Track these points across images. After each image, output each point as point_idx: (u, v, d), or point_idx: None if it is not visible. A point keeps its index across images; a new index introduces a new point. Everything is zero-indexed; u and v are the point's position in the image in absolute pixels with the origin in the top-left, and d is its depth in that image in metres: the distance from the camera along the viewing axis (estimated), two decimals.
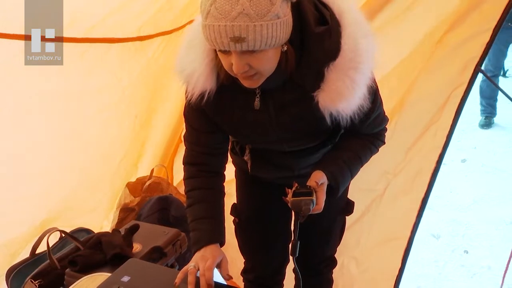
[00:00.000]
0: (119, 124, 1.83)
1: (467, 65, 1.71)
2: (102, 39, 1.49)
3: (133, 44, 1.61)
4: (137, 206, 2.07)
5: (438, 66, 1.76)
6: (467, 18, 1.68)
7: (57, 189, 1.75)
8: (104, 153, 1.87)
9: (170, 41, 1.75)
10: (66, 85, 1.51)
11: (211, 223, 1.23)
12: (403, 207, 1.93)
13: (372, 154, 1.31)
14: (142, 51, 1.68)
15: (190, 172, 1.29)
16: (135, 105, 1.84)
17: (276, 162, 1.36)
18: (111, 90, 1.68)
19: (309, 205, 1.06)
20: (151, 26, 1.62)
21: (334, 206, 1.48)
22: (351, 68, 1.00)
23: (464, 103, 1.75)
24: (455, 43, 1.71)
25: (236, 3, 0.86)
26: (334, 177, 1.18)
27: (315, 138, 1.26)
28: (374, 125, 1.25)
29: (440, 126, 1.78)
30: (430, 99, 1.79)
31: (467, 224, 3.16)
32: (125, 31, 1.56)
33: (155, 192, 2.17)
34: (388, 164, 1.89)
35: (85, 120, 1.68)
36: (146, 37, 1.64)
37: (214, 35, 0.89)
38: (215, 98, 1.12)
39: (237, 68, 0.95)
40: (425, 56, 1.78)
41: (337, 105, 1.04)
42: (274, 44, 0.92)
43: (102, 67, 1.58)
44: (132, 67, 1.69)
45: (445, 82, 1.75)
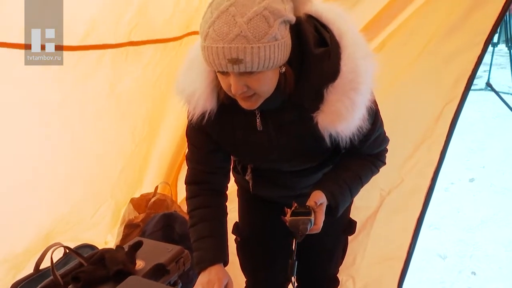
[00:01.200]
0: (116, 134, 1.85)
1: (459, 79, 1.73)
2: (95, 46, 1.51)
3: (125, 50, 1.63)
4: (141, 222, 2.09)
5: (429, 80, 1.78)
6: (457, 31, 1.70)
7: (60, 201, 1.78)
8: (104, 163, 1.89)
9: (166, 50, 1.78)
10: (63, 95, 1.55)
11: (215, 242, 1.25)
12: (398, 225, 1.94)
13: (373, 175, 1.31)
14: (137, 58, 1.70)
15: (193, 191, 1.31)
16: (132, 114, 1.86)
17: (277, 182, 1.37)
18: (107, 97, 1.70)
19: (306, 225, 1.07)
20: (141, 31, 1.65)
21: (336, 225, 1.49)
22: (351, 89, 1.02)
23: (457, 118, 1.77)
24: (446, 56, 1.74)
25: (233, 26, 0.88)
26: (333, 197, 1.19)
27: (316, 158, 1.28)
28: (374, 145, 1.25)
29: (434, 142, 1.80)
30: (422, 114, 1.81)
31: (475, 244, 3.12)
32: (116, 37, 1.59)
33: (160, 209, 2.18)
34: (382, 180, 1.91)
35: (84, 129, 1.70)
36: (139, 43, 1.66)
37: (212, 56, 0.92)
38: (216, 118, 1.14)
39: (235, 89, 0.97)
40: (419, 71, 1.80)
41: (336, 126, 1.05)
42: (271, 65, 0.94)
43: (96, 75, 1.60)
44: (126, 74, 1.71)
45: (437, 96, 1.78)
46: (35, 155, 1.57)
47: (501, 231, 3.24)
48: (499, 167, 4.26)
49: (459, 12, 1.69)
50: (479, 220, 3.40)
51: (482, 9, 1.66)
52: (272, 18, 0.90)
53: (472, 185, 3.98)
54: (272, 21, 0.90)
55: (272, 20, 0.90)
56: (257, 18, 0.88)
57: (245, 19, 0.88)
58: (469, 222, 3.38)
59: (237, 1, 0.89)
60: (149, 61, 1.75)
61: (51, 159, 1.65)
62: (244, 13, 0.88)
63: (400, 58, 1.82)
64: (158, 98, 1.92)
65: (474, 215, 3.47)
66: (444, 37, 1.72)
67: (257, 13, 0.88)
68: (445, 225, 3.33)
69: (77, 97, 1.59)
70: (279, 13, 0.91)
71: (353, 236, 1.98)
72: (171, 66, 1.82)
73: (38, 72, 1.41)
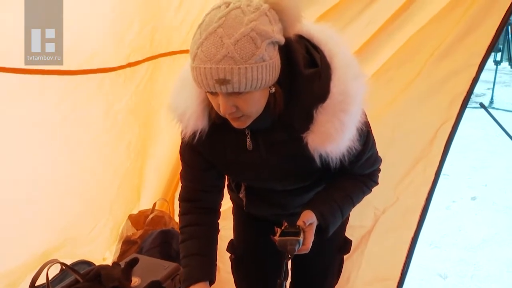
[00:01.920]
0: (113, 150, 1.87)
1: (454, 99, 1.75)
2: (96, 70, 1.55)
3: (123, 72, 1.68)
4: (139, 239, 2.10)
5: (425, 100, 1.80)
6: (452, 53, 1.72)
7: (58, 217, 1.80)
8: (102, 180, 1.91)
9: (157, 66, 1.82)
10: (64, 115, 1.58)
11: (202, 260, 1.26)
12: (393, 245, 1.94)
13: (364, 195, 1.32)
14: (132, 77, 1.75)
15: (185, 208, 1.32)
16: (128, 131, 1.89)
17: (270, 200, 1.38)
18: (105, 117, 1.74)
19: (294, 245, 1.07)
20: (139, 52, 1.70)
21: (331, 244, 1.49)
22: (340, 110, 1.02)
23: (452, 138, 1.80)
24: (442, 77, 1.76)
25: (221, 47, 0.90)
26: (323, 218, 1.19)
27: (307, 178, 1.28)
28: (366, 166, 1.26)
29: (429, 162, 1.82)
30: (418, 134, 1.83)
31: (476, 264, 3.10)
32: (116, 60, 1.63)
33: (158, 225, 2.19)
34: (377, 199, 1.91)
35: (82, 147, 1.73)
36: (135, 63, 1.71)
37: (200, 77, 0.93)
38: (207, 137, 1.16)
39: (224, 109, 0.98)
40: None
41: (326, 146, 1.06)
42: (259, 86, 0.95)
43: (96, 97, 1.64)
44: (122, 93, 1.75)
45: (433, 116, 1.79)
46: (34, 172, 1.61)
47: (503, 251, 3.23)
48: (501, 185, 4.25)
49: (454, 35, 1.71)
50: (481, 239, 3.39)
51: (476, 32, 1.69)
52: (260, 39, 0.91)
53: (474, 204, 3.97)
54: (260, 42, 0.91)
55: (259, 41, 0.91)
56: (244, 39, 0.90)
57: (232, 40, 0.89)
58: (470, 241, 3.37)
59: (225, 23, 0.91)
60: (142, 78, 1.78)
61: (50, 177, 1.68)
62: (231, 35, 0.90)
63: (396, 79, 1.85)
64: (150, 114, 1.95)
65: (475, 234, 3.46)
66: (440, 59, 1.75)
67: (244, 34, 0.90)
68: (446, 244, 3.32)
69: (77, 117, 1.62)
70: (267, 35, 0.92)
71: (347, 255, 1.98)
72: (164, 82, 1.86)
73: (39, 92, 1.44)
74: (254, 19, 0.91)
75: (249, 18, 0.91)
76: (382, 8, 1.81)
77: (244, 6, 0.93)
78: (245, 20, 0.91)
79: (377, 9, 1.80)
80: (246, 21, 0.91)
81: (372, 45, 1.84)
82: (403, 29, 1.80)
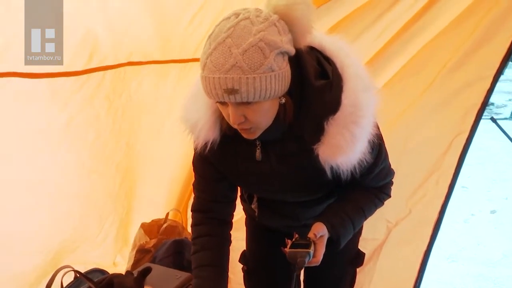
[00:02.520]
0: (112, 148, 1.89)
1: (468, 111, 1.73)
2: (97, 68, 1.57)
3: (123, 69, 1.69)
4: (153, 247, 2.12)
5: (438, 112, 1.78)
6: (465, 65, 1.71)
7: (65, 219, 1.82)
8: (104, 180, 1.93)
9: (162, 70, 1.84)
10: (66, 116, 1.61)
11: (214, 271, 1.26)
12: (405, 258, 1.92)
13: (376, 208, 1.31)
14: (133, 76, 1.76)
15: (197, 219, 1.33)
16: (126, 130, 1.90)
17: (282, 211, 1.38)
18: (106, 114, 1.76)
19: (304, 258, 1.07)
20: (141, 53, 1.71)
21: (343, 257, 1.48)
22: (351, 122, 1.02)
23: (467, 151, 1.77)
24: (455, 89, 1.75)
25: (229, 57, 0.90)
26: (334, 230, 1.18)
27: (318, 190, 1.28)
28: (378, 178, 1.25)
29: (442, 174, 1.80)
30: (431, 146, 1.81)
31: (496, 280, 3.04)
32: (117, 57, 1.65)
33: (171, 235, 2.21)
34: (389, 212, 1.89)
35: (85, 147, 1.75)
36: (137, 63, 1.72)
37: (209, 86, 0.94)
38: (219, 148, 1.16)
39: (233, 120, 0.99)
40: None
41: (336, 158, 1.05)
42: (268, 96, 0.95)
43: (98, 95, 1.66)
44: (123, 90, 1.76)
45: (446, 128, 1.78)
46: (41, 174, 1.62)
47: None
48: None
49: (467, 46, 1.71)
50: (501, 254, 3.32)
51: (491, 42, 1.68)
52: (268, 49, 0.92)
53: (493, 217, 3.89)
54: (268, 52, 0.92)
55: (267, 51, 0.92)
56: (252, 49, 0.91)
57: (240, 50, 0.90)
58: (489, 256, 3.30)
59: (234, 33, 0.92)
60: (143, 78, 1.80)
61: (57, 179, 1.70)
62: (239, 45, 0.90)
63: (408, 90, 1.85)
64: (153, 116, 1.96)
65: (495, 248, 3.39)
66: (453, 69, 1.74)
67: (252, 44, 0.91)
68: (464, 258, 3.26)
69: (81, 118, 1.64)
70: (275, 45, 0.93)
71: (359, 268, 1.97)
72: (172, 88, 1.89)
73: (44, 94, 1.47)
74: (263, 29, 0.92)
75: (257, 28, 0.92)
76: (394, 18, 1.82)
77: (253, 16, 0.94)
78: (254, 30, 0.92)
79: (389, 19, 1.80)
80: (255, 31, 0.92)
81: (384, 55, 1.84)
82: (415, 40, 1.81)
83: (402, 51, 1.85)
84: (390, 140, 1.23)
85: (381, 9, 1.80)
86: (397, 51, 1.85)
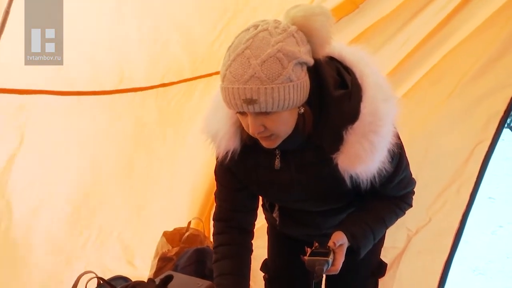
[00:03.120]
0: (140, 164, 1.93)
1: (490, 119, 1.71)
2: (128, 89, 1.63)
3: (156, 90, 1.76)
4: (175, 256, 2.15)
5: (459, 120, 1.77)
6: (487, 73, 1.69)
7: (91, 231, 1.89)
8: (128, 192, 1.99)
9: (191, 86, 1.89)
10: (92, 132, 1.68)
11: (235, 279, 1.27)
12: (425, 267, 1.89)
13: (397, 217, 1.30)
14: (164, 96, 1.82)
15: (219, 228, 1.35)
16: (156, 147, 1.94)
17: (303, 220, 1.39)
18: (133, 132, 1.83)
19: (323, 265, 1.07)
20: (175, 75, 1.77)
21: (365, 266, 1.47)
22: (370, 131, 1.03)
23: (488, 160, 1.73)
24: (476, 97, 1.73)
25: (248, 67, 0.93)
26: (354, 239, 1.18)
27: (338, 200, 1.28)
28: (399, 188, 1.25)
29: (463, 183, 1.78)
30: (452, 154, 1.79)
31: None
32: (149, 80, 1.71)
33: (193, 243, 2.24)
34: (409, 220, 1.87)
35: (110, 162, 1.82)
36: (169, 84, 1.78)
37: (229, 97, 0.96)
38: (240, 157, 1.18)
39: (253, 129, 1.01)
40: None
41: (356, 167, 1.06)
42: (287, 106, 0.96)
43: (127, 114, 1.74)
44: (153, 109, 1.83)
45: (468, 136, 1.76)
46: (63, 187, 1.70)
47: None
48: None
49: (489, 54, 1.69)
50: None
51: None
52: (286, 60, 0.93)
53: None
54: (286, 62, 0.93)
55: (286, 61, 0.93)
56: (270, 60, 0.92)
57: (259, 61, 0.92)
58: None
59: (252, 44, 0.94)
60: (174, 96, 1.86)
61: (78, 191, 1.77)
62: (258, 55, 0.93)
63: (430, 99, 1.84)
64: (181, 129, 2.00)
65: None
66: (474, 78, 1.73)
67: (271, 55, 0.93)
68: (492, 271, 3.17)
69: (109, 134, 1.72)
70: (293, 55, 0.94)
71: None
72: (198, 101, 1.94)
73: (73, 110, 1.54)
74: (281, 40, 0.94)
75: (275, 40, 0.94)
76: (416, 29, 1.82)
77: (271, 28, 0.96)
78: (272, 41, 0.94)
79: (411, 30, 1.81)
80: (273, 42, 0.94)
81: (406, 66, 1.84)
82: (437, 50, 1.81)
83: (424, 62, 1.85)
84: (411, 149, 1.23)
85: (403, 20, 1.81)
86: (419, 61, 1.86)
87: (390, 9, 1.82)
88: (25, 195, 1.56)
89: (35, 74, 1.38)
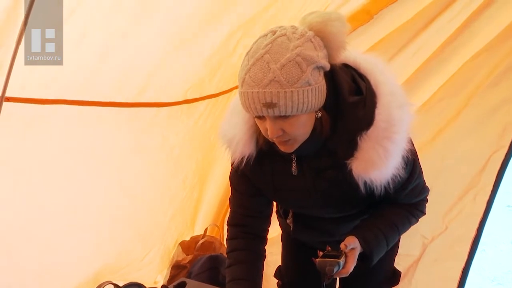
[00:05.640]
0: (167, 182, 1.96)
1: (506, 128, 1.71)
2: (151, 103, 1.66)
3: (180, 107, 1.79)
4: (189, 263, 2.18)
5: (475, 129, 1.77)
6: (504, 81, 1.69)
7: (109, 242, 1.91)
8: (153, 208, 2.02)
9: (216, 103, 1.92)
10: (116, 144, 1.70)
11: (247, 285, 1.29)
12: (441, 276, 1.88)
13: (411, 225, 1.31)
14: (189, 113, 1.86)
15: (232, 233, 1.37)
16: (184, 165, 1.97)
17: (316, 227, 1.41)
18: (159, 149, 1.86)
19: (333, 267, 1.08)
20: (197, 90, 1.80)
21: (379, 274, 1.48)
22: (384, 137, 1.04)
23: (505, 168, 1.73)
24: (492, 105, 1.73)
25: (267, 71, 0.95)
26: (367, 244, 1.20)
27: (352, 206, 1.29)
28: (413, 195, 1.26)
29: (479, 191, 1.78)
30: (468, 162, 1.79)
31: None
32: (172, 95, 1.74)
33: (207, 251, 2.27)
34: (425, 227, 1.88)
35: (133, 175, 1.84)
36: (193, 100, 1.82)
37: (248, 101, 0.98)
38: (255, 163, 1.20)
39: (271, 133, 1.02)
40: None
41: (369, 173, 1.07)
42: (305, 110, 0.98)
43: (151, 128, 1.76)
44: (179, 128, 1.86)
45: (483, 145, 1.76)
46: (87, 196, 1.72)
47: None
48: None
49: (506, 62, 1.69)
50: None
51: None
52: (305, 64, 0.95)
53: None
54: (305, 66, 0.95)
55: (304, 65, 0.95)
56: (290, 64, 0.95)
57: (278, 65, 0.94)
58: None
59: (272, 49, 0.96)
60: (200, 115, 1.89)
61: (102, 203, 1.80)
62: (277, 60, 0.95)
63: (448, 110, 1.84)
64: (207, 148, 2.03)
65: None
66: (490, 87, 1.75)
67: (290, 59, 0.95)
68: (511, 281, 3.10)
69: (130, 148, 1.74)
70: (312, 59, 0.96)
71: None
72: (221, 119, 1.95)
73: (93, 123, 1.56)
74: (300, 45, 0.96)
75: (294, 44, 0.96)
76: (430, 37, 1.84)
77: (289, 33, 0.98)
78: (291, 46, 0.96)
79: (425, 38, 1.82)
80: (292, 47, 0.96)
81: (420, 74, 1.86)
82: (452, 59, 1.82)
83: (439, 70, 1.87)
84: (427, 156, 1.24)
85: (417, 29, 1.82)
86: (434, 69, 1.87)
87: (405, 19, 1.84)
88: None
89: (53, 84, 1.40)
